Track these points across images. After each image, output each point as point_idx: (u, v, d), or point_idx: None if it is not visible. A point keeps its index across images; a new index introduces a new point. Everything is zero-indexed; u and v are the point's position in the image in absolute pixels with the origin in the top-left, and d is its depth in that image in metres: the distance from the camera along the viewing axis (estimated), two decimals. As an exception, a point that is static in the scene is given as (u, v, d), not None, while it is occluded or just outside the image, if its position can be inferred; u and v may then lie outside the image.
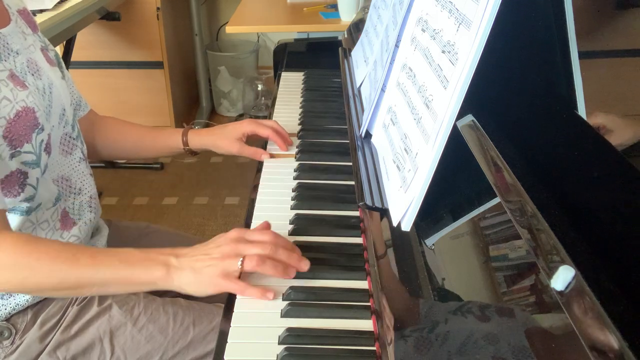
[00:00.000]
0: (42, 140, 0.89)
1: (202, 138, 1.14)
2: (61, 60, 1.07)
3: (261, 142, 1.17)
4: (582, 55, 0.63)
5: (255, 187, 1.03)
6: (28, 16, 1.01)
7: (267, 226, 0.87)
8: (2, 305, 0.91)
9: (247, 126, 1.13)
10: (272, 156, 1.13)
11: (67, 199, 0.98)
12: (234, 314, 0.74)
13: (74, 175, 1.01)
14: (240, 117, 3.29)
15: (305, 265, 0.79)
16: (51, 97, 0.95)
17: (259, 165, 1.11)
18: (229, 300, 0.76)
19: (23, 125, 0.85)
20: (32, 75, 0.92)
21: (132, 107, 2.95)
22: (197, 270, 0.77)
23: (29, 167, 0.87)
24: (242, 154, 1.14)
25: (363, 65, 1.22)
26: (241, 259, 0.76)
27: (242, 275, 0.78)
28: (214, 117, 3.36)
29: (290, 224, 0.91)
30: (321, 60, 1.63)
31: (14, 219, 0.88)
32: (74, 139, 1.01)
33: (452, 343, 0.57)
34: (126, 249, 0.81)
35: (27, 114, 0.86)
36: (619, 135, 0.56)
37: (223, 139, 1.13)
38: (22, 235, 0.82)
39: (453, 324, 0.59)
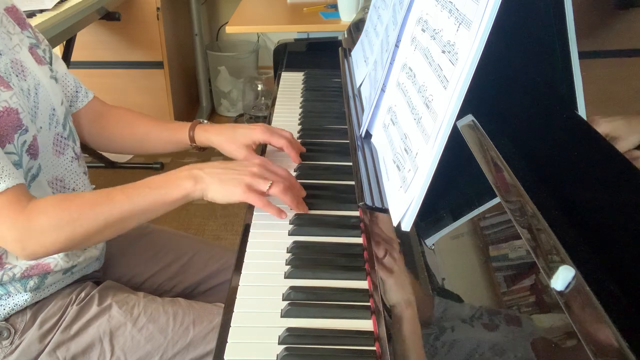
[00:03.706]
0: (25, 142, 0.88)
1: (208, 136, 1.08)
2: (53, 54, 1.05)
3: (259, 148, 1.12)
4: (582, 55, 0.63)
5: (255, 187, 1.03)
6: (17, 14, 0.99)
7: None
8: (1, 305, 0.91)
9: (260, 135, 1.05)
10: None
11: None
12: (234, 314, 0.74)
13: (67, 175, 0.99)
14: (240, 117, 3.29)
15: (304, 208, 0.92)
16: (37, 97, 0.93)
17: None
18: (229, 300, 0.76)
19: (5, 126, 0.84)
20: (17, 76, 0.90)
21: (132, 107, 2.88)
22: (224, 180, 0.85)
23: None
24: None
25: (363, 65, 1.22)
26: (270, 182, 0.86)
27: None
28: (214, 117, 3.36)
29: (290, 224, 0.91)
30: (321, 60, 1.63)
31: None
32: (65, 138, 0.99)
33: (451, 342, 0.57)
34: (150, 177, 0.88)
35: (10, 114, 0.85)
36: (628, 140, 0.56)
37: (231, 142, 1.05)
38: (55, 197, 0.86)
39: (452, 324, 0.59)
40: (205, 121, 1.11)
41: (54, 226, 0.81)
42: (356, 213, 0.92)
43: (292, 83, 1.53)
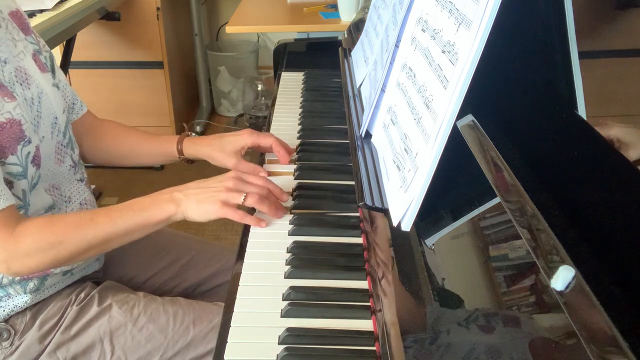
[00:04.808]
0: (29, 153, 0.88)
1: (197, 148, 1.09)
2: (55, 63, 1.05)
3: (257, 158, 1.13)
4: (582, 55, 0.63)
5: (255, 187, 1.03)
6: (21, 18, 0.98)
7: (259, 170, 1.01)
8: (1, 307, 0.91)
9: (247, 139, 1.07)
10: (270, 174, 1.06)
11: (60, 206, 0.97)
12: (234, 313, 0.74)
13: (63, 183, 0.99)
14: (240, 117, 3.28)
15: (283, 214, 0.93)
16: (40, 106, 0.93)
17: (259, 164, 1.10)
18: (229, 300, 0.76)
19: (7, 137, 0.84)
20: (21, 85, 0.90)
21: (132, 107, 2.94)
22: (200, 200, 0.87)
23: (15, 178, 0.86)
24: (238, 169, 1.03)
25: (363, 65, 1.22)
26: (244, 194, 0.88)
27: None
28: (214, 117, 3.36)
29: (290, 224, 0.91)
30: (321, 60, 1.63)
31: None
32: (64, 146, 0.99)
33: (451, 343, 0.57)
34: (133, 199, 0.89)
35: (12, 126, 0.84)
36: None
37: (219, 151, 1.07)
38: (41, 219, 0.86)
39: (453, 324, 0.59)
40: (193, 134, 1.13)
41: (40, 249, 0.83)
42: (356, 213, 0.92)
43: (292, 83, 1.53)
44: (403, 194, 0.72)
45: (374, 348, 0.68)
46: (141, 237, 0.90)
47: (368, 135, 0.99)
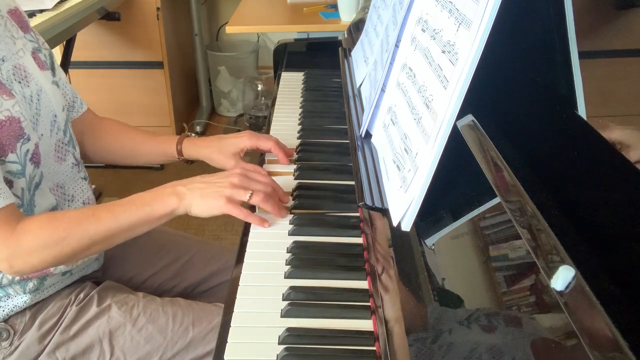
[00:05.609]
0: (28, 150, 0.87)
1: (197, 149, 1.10)
2: (54, 61, 1.04)
3: (257, 159, 1.13)
4: (582, 55, 0.63)
5: (255, 187, 1.03)
6: (20, 16, 0.98)
7: (259, 170, 0.97)
8: (0, 307, 0.91)
9: (247, 141, 1.08)
10: (270, 174, 1.03)
11: (62, 207, 0.97)
12: (234, 314, 0.74)
13: (67, 181, 0.99)
14: (240, 117, 3.28)
15: (286, 213, 0.93)
16: (39, 104, 0.93)
17: (259, 164, 1.10)
18: (229, 300, 0.76)
19: (7, 135, 0.84)
20: (19, 82, 0.90)
21: (132, 107, 2.94)
22: (205, 195, 0.87)
23: (14, 177, 0.86)
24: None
25: (363, 65, 1.22)
26: (250, 192, 0.87)
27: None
28: (214, 117, 3.36)
29: (290, 224, 0.91)
30: (321, 60, 1.63)
31: None
32: (65, 144, 0.99)
33: (451, 343, 0.57)
34: (135, 194, 0.88)
35: (12, 124, 0.84)
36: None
37: (219, 153, 1.08)
38: (42, 216, 0.86)
39: (453, 324, 0.59)
40: (193, 134, 1.13)
41: (42, 246, 0.83)
42: (356, 213, 0.92)
43: (292, 83, 1.53)
44: (403, 194, 0.72)
45: (374, 348, 0.68)
46: (144, 232, 0.89)
47: (368, 135, 0.99)
